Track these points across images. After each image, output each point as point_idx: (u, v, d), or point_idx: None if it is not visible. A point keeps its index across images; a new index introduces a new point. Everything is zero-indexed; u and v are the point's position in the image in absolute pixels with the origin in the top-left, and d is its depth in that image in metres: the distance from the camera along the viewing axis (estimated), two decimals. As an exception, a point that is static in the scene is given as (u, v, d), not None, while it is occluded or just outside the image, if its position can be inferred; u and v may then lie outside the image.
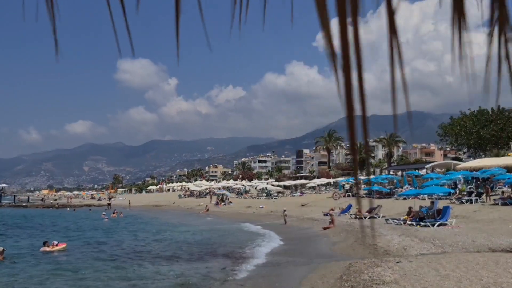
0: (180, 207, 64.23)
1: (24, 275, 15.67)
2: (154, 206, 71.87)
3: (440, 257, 14.00)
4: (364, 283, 10.79)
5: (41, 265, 17.96)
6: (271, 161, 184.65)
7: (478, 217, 23.93)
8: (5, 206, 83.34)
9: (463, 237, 18.06)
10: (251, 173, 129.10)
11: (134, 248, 23.10)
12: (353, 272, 12.44)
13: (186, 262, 18.53)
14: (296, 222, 33.29)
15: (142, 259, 19.44)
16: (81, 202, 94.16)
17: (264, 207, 48.68)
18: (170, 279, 14.68)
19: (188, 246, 23.72)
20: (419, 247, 16.84)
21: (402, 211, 28.59)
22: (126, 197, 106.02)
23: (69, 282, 14.53)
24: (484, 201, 30.27)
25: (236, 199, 64.65)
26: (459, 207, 28.17)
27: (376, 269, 12.18)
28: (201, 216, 47.53)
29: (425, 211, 24.06)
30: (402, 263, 12.95)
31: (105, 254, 21.15)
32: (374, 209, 30.38)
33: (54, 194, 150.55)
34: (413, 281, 10.53)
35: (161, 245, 24.38)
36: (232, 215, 45.22)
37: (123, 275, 15.52)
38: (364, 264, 13.37)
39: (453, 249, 15.93)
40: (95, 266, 17.55)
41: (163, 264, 17.85)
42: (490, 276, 10.64)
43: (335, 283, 11.98)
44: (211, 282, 14.21)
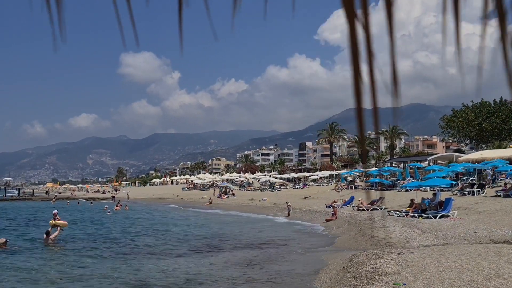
0: (184, 200, 64.46)
1: (27, 267, 15.57)
2: (158, 199, 72.15)
3: (442, 248, 14.07)
4: (366, 274, 10.87)
5: (43, 257, 17.97)
6: (273, 153, 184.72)
7: (480, 208, 23.97)
8: (11, 200, 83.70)
9: (465, 229, 18.12)
10: (254, 165, 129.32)
11: (137, 242, 23.18)
12: (356, 263, 12.53)
13: (190, 255, 18.65)
14: (299, 214, 33.42)
15: (147, 252, 19.54)
16: (85, 195, 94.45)
17: (267, 199, 48.81)
18: (177, 273, 14.72)
19: (192, 238, 23.84)
20: (421, 238, 16.93)
21: (404, 203, 28.65)
22: (129, 190, 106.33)
23: (76, 277, 14.54)
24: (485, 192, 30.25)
25: (239, 192, 64.85)
26: (461, 199, 28.21)
27: (379, 261, 12.26)
28: (205, 208, 47.80)
29: (427, 203, 24.12)
30: (404, 254, 13.03)
31: (106, 248, 21.14)
32: (376, 201, 30.48)
33: (58, 187, 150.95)
34: (415, 272, 10.60)
35: (166, 238, 24.47)
36: (236, 207, 45.40)
37: (127, 269, 15.50)
38: (366, 255, 13.45)
39: (455, 241, 16.01)
40: (95, 259, 17.51)
41: (167, 258, 17.95)
42: (492, 267, 10.71)
43: (338, 274, 12.08)
44: (215, 272, 14.30)
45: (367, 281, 10.23)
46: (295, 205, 37.41)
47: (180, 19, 1.14)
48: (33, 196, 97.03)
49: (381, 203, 30.15)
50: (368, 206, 29.67)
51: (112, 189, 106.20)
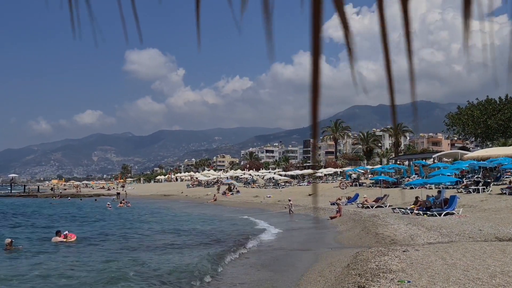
0: (188, 197, 64.62)
1: (42, 266, 15.55)
2: (162, 196, 72.38)
3: (447, 246, 14.05)
4: (371, 271, 10.86)
5: (55, 256, 18.01)
6: (278, 151, 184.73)
7: (485, 206, 23.91)
8: (16, 196, 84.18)
9: (470, 226, 18.08)
10: (258, 163, 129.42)
11: (141, 238, 23.28)
12: (360, 260, 12.53)
13: (193, 250, 18.70)
14: (303, 211, 33.43)
15: (151, 248, 19.62)
16: (90, 192, 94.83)
17: (272, 196, 48.85)
18: (180, 267, 14.78)
19: (196, 234, 23.91)
20: (426, 236, 16.90)
21: (409, 200, 28.60)
22: (134, 186, 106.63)
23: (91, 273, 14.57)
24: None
25: (243, 189, 64.97)
26: (466, 196, 28.13)
27: (383, 258, 12.26)
28: (209, 205, 47.87)
29: (432, 201, 24.07)
30: (409, 252, 13.02)
31: (112, 244, 21.29)
32: (381, 198, 30.46)
33: (63, 184, 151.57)
34: (420, 269, 10.59)
35: (169, 234, 24.55)
36: (240, 204, 45.46)
37: (134, 265, 15.60)
38: (371, 253, 13.45)
39: (460, 238, 15.97)
40: (104, 256, 17.67)
41: (171, 253, 18.01)
42: (497, 265, 10.68)
43: (342, 271, 12.08)
44: (219, 269, 14.35)
45: (371, 278, 10.22)
46: (300, 203, 37.42)
47: (198, 13, 1.13)
48: (38, 192, 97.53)
49: (386, 200, 30.13)
50: (373, 204, 29.66)
51: (118, 185, 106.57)
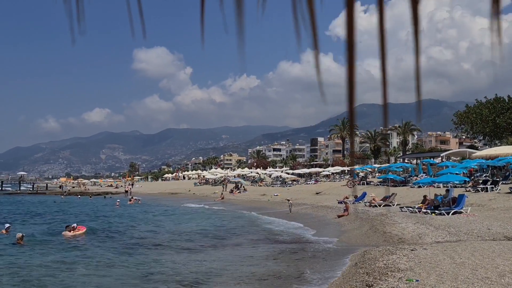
0: (196, 195, 64.79)
1: (50, 262, 15.66)
2: (170, 194, 72.63)
3: (455, 245, 14.00)
4: (379, 270, 10.87)
5: (63, 252, 18.15)
6: (285, 149, 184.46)
7: (494, 205, 23.76)
8: (25, 193, 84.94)
9: (478, 225, 17.99)
10: (265, 161, 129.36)
11: (148, 236, 23.39)
12: (368, 259, 12.53)
13: (202, 249, 18.78)
14: (311, 209, 33.40)
15: (158, 247, 19.71)
16: (98, 190, 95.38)
17: (279, 195, 48.82)
18: (189, 268, 14.85)
19: (205, 233, 23.99)
20: (434, 235, 16.83)
21: (417, 199, 28.50)
22: (142, 185, 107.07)
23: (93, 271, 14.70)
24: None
25: (251, 187, 65.02)
26: (475, 195, 27.98)
27: (391, 257, 12.25)
28: (216, 203, 47.98)
29: (440, 199, 23.97)
30: (417, 250, 12.99)
31: (119, 242, 21.39)
32: (389, 197, 30.36)
33: (72, 182, 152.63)
34: (428, 268, 10.58)
35: (178, 233, 24.65)
36: (247, 202, 45.51)
37: (140, 264, 15.68)
38: (379, 251, 13.44)
39: (468, 237, 15.90)
40: (111, 254, 17.79)
41: (182, 253, 18.09)
42: (506, 264, 10.64)
43: (350, 270, 12.09)
44: (228, 267, 14.41)
45: (379, 277, 10.23)
46: (307, 201, 37.39)
47: (202, 10, 1.15)
48: (46, 190, 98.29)
49: (393, 199, 30.04)
50: (381, 202, 29.58)
51: (126, 183, 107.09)
